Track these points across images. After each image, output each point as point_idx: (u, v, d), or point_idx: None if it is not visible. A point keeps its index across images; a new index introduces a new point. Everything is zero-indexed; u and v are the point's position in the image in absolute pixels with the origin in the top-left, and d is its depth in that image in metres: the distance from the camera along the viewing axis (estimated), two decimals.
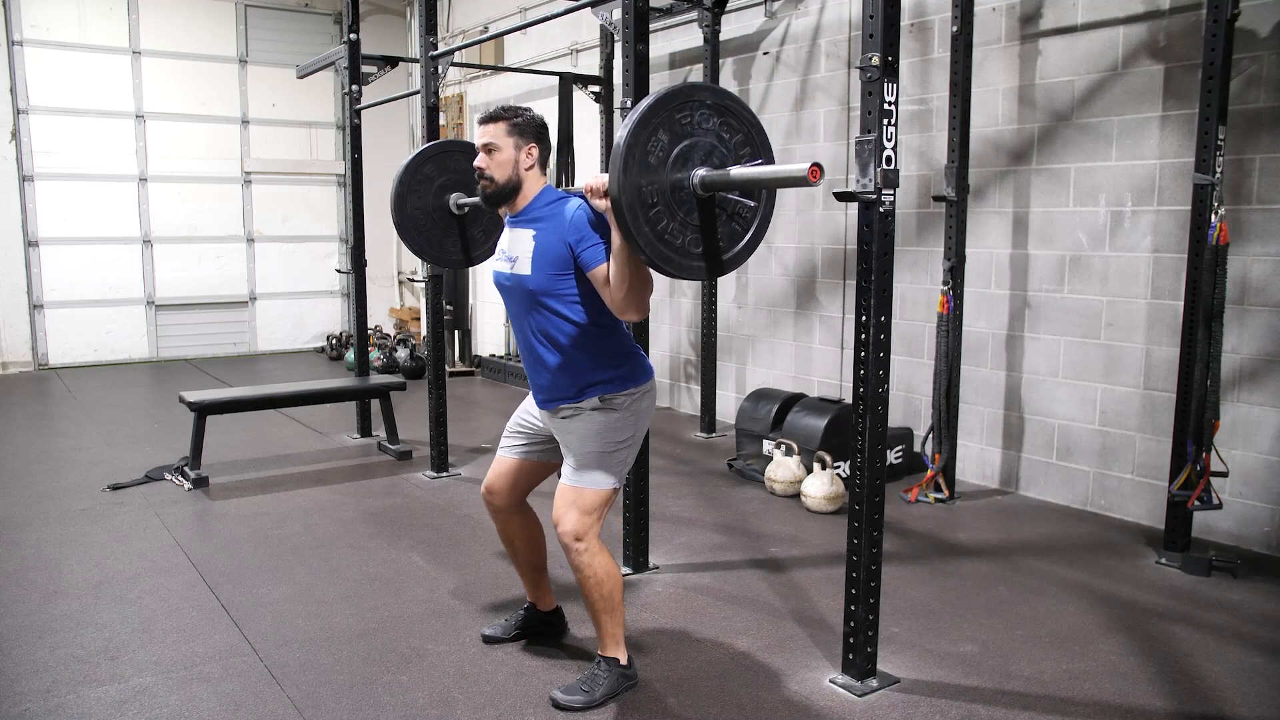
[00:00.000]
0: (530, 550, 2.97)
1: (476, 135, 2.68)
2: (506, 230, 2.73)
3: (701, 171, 2.36)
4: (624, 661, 2.72)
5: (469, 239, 3.82)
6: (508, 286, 2.68)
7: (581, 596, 2.68)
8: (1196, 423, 3.66)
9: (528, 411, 2.85)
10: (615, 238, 2.39)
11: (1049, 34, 4.50)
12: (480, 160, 2.66)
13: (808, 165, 2.20)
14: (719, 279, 6.11)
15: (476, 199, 3.67)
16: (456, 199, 3.73)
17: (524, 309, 2.65)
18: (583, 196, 2.54)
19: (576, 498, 2.59)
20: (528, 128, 2.65)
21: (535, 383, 2.72)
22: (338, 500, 4.73)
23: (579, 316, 2.58)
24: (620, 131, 2.28)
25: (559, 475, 2.72)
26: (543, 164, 2.69)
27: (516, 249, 2.64)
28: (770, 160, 2.48)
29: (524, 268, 2.60)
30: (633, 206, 2.27)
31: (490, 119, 2.66)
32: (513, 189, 2.65)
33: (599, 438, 2.60)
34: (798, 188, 2.25)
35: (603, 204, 2.39)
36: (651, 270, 2.43)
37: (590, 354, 2.60)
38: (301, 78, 7.63)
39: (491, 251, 3.82)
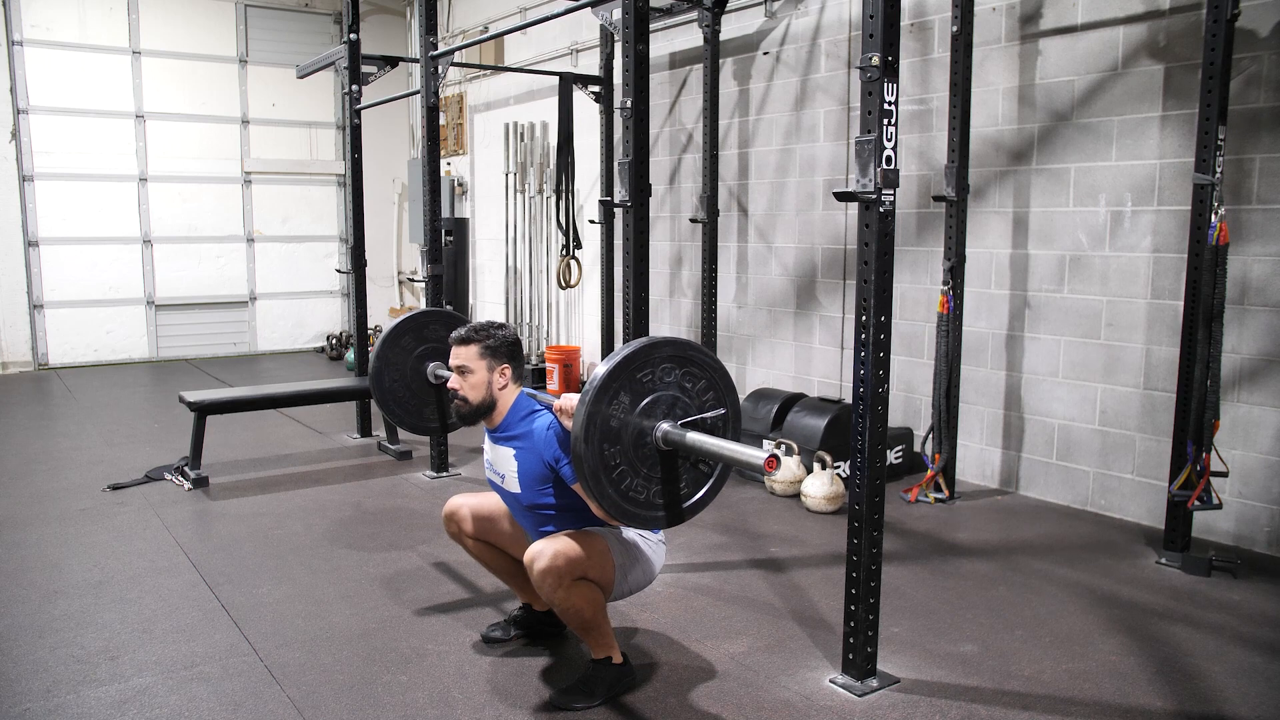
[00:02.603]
0: (508, 558, 3.01)
1: (450, 355, 2.76)
2: (489, 444, 2.83)
3: (665, 426, 2.37)
4: (618, 660, 2.72)
5: (448, 408, 3.80)
6: (501, 495, 2.83)
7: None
8: (1196, 423, 3.66)
9: None
10: None
11: (1049, 34, 4.50)
12: (454, 382, 2.74)
13: (765, 455, 2.21)
14: (717, 286, 6.11)
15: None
16: (435, 369, 3.71)
17: (520, 513, 2.79)
18: (550, 410, 2.63)
19: (560, 543, 2.54)
20: (500, 348, 2.73)
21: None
22: (338, 500, 4.73)
23: (576, 507, 2.66)
24: (587, 384, 2.30)
25: None
26: (517, 378, 2.77)
27: (502, 467, 2.76)
28: (735, 405, 2.52)
29: (513, 486, 2.73)
30: (596, 473, 2.30)
31: (463, 341, 2.72)
32: (487, 408, 2.74)
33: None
34: (751, 471, 2.30)
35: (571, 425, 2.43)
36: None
37: (593, 520, 2.69)
38: (301, 78, 7.64)
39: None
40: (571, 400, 2.43)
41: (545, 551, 2.52)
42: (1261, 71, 3.77)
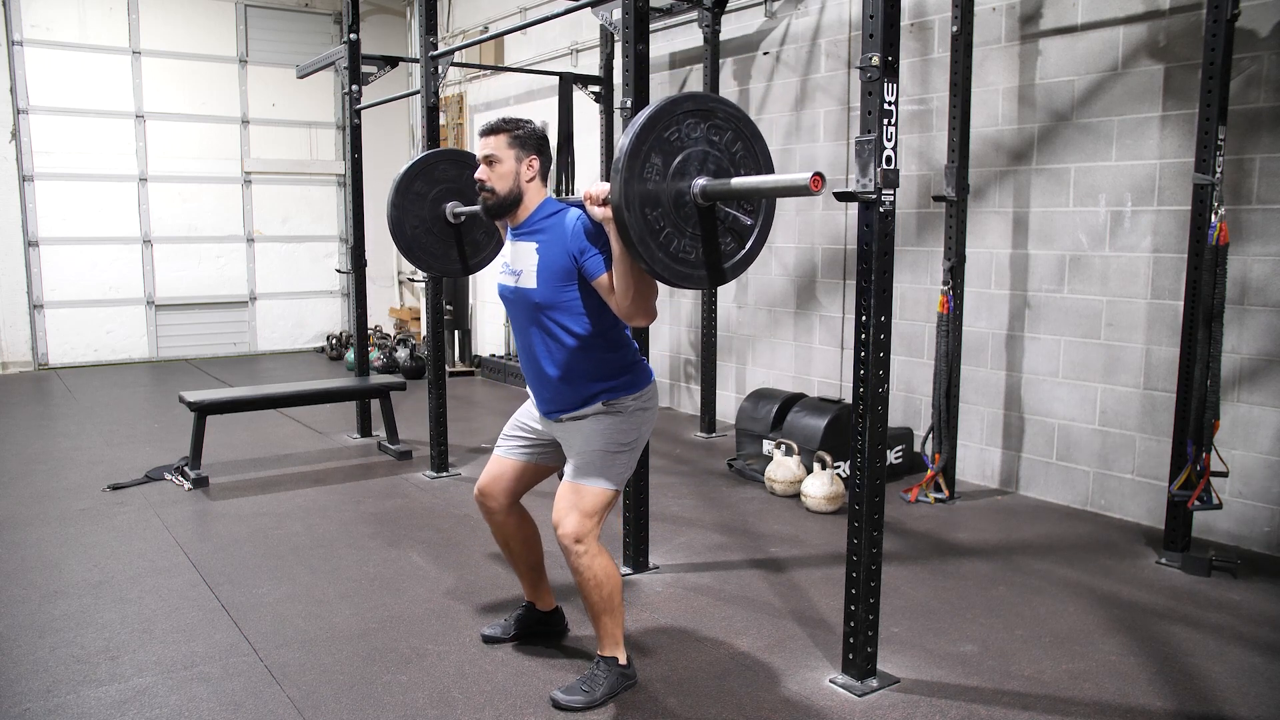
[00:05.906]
0: (527, 550, 2.98)
1: (477, 147, 2.69)
2: (508, 243, 2.74)
3: (701, 182, 2.36)
4: (623, 661, 2.72)
5: (473, 243, 3.80)
6: (512, 300, 2.70)
7: (581, 598, 2.68)
8: (1196, 423, 3.66)
9: (528, 415, 2.86)
10: (615, 246, 2.40)
11: (1049, 34, 4.50)
12: (481, 172, 2.67)
13: (809, 175, 2.19)
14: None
15: (473, 208, 3.67)
16: (453, 208, 3.70)
17: (528, 321, 2.67)
18: (581, 206, 2.54)
19: (577, 499, 2.59)
20: (529, 140, 2.66)
21: (538, 394, 2.74)
22: (338, 500, 4.73)
23: (582, 329, 2.59)
24: (617, 151, 2.27)
25: (559, 476, 2.72)
26: (544, 175, 2.70)
27: (520, 263, 2.65)
28: (764, 150, 2.49)
29: (529, 281, 2.61)
30: (643, 238, 2.28)
31: (491, 131, 2.66)
32: (514, 201, 2.66)
33: (602, 438, 2.62)
34: (799, 197, 2.27)
35: (601, 213, 2.40)
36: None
37: (593, 365, 2.62)
38: (301, 78, 7.64)
39: (493, 256, 3.84)
40: (600, 186, 2.40)
41: (568, 517, 2.56)
42: (1261, 71, 3.77)
